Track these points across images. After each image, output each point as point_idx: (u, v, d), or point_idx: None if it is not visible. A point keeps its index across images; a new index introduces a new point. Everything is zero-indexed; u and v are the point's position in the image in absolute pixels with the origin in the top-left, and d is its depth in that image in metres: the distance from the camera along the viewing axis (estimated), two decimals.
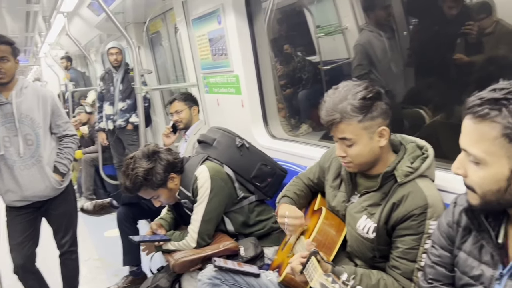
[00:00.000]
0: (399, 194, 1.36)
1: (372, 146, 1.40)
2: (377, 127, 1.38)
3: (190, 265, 1.91)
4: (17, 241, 2.40)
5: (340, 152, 1.44)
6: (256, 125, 2.82)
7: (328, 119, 1.39)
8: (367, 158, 1.42)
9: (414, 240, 1.31)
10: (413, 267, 1.32)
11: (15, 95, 2.31)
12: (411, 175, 1.36)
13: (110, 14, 2.81)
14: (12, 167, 2.32)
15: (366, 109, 1.36)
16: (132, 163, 1.99)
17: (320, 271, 1.17)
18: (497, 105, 0.90)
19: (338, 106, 1.36)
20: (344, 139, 1.39)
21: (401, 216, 1.34)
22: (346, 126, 1.37)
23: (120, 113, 4.27)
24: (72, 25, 4.82)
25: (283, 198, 1.78)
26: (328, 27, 3.57)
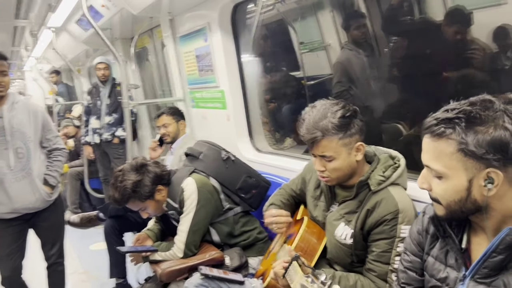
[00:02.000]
0: (372, 201, 1.46)
1: (349, 160, 1.50)
2: (355, 143, 1.48)
3: (177, 275, 1.97)
4: (5, 253, 2.42)
5: (319, 167, 1.52)
6: (241, 139, 2.91)
7: (309, 136, 1.46)
8: (345, 172, 1.51)
9: (387, 243, 1.41)
10: (387, 269, 1.41)
11: (7, 109, 2.36)
12: (383, 183, 1.47)
13: (99, 30, 2.88)
14: (2, 180, 2.35)
15: (345, 127, 1.45)
16: (121, 176, 2.05)
17: (300, 273, 1.25)
18: (451, 124, 1.00)
19: (318, 124, 1.45)
20: (324, 156, 1.48)
21: (375, 221, 1.44)
22: (327, 143, 1.46)
23: (106, 127, 4.31)
24: (59, 40, 4.88)
25: (270, 206, 1.87)
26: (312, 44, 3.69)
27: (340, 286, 1.40)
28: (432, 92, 2.36)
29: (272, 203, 1.87)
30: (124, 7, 3.17)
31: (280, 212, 1.76)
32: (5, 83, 2.35)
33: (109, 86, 4.36)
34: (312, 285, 1.17)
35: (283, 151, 2.91)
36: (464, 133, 0.98)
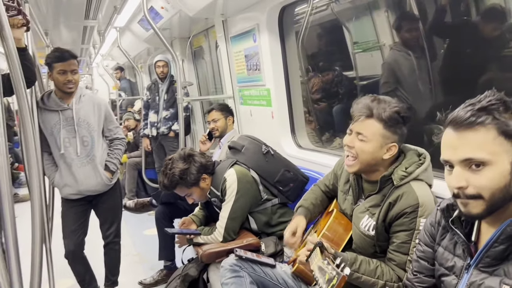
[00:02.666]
0: (394, 195, 1.54)
1: (378, 153, 1.57)
2: (390, 142, 1.56)
3: (216, 256, 2.15)
4: (70, 229, 2.72)
5: (350, 142, 1.59)
6: (284, 135, 3.04)
7: (360, 111, 1.56)
8: (368, 160, 1.58)
9: (407, 235, 1.49)
10: (405, 259, 1.50)
11: (75, 102, 2.65)
12: (405, 178, 1.54)
13: (157, 31, 3.12)
14: (70, 165, 2.64)
15: (393, 122, 1.54)
16: (170, 164, 2.28)
17: (319, 257, 1.37)
18: (487, 111, 1.03)
19: (374, 106, 1.54)
20: (361, 134, 1.56)
21: (395, 214, 1.52)
22: (370, 124, 1.54)
23: (163, 121, 4.60)
24: (123, 39, 5.25)
25: (299, 208, 1.98)
26: (366, 43, 3.71)
27: (360, 269, 1.50)
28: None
29: (302, 205, 1.98)
30: (181, 9, 3.41)
31: (290, 231, 1.87)
32: (75, 80, 2.62)
33: (167, 82, 4.62)
34: (327, 266, 1.29)
35: (323, 148, 3.00)
36: (503, 116, 1.02)
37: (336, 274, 1.28)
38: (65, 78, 2.57)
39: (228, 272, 1.79)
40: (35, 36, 3.30)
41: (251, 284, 1.75)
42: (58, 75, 2.58)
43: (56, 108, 2.61)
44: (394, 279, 1.51)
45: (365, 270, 1.51)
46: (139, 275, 3.33)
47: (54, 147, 2.64)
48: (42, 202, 1.43)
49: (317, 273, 1.38)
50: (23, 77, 1.44)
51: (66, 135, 2.62)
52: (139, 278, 3.27)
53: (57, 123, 2.61)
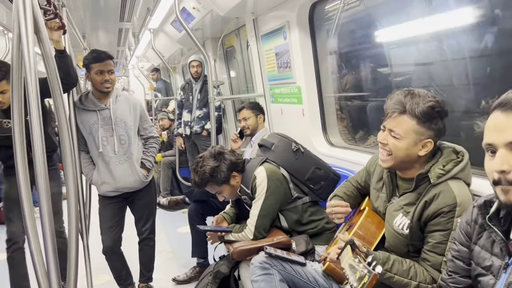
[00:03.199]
0: (431, 193, 1.48)
1: (412, 150, 1.51)
2: (425, 138, 1.50)
3: (247, 254, 2.15)
4: (108, 225, 2.81)
5: (383, 139, 1.56)
6: (315, 133, 3.01)
7: (393, 107, 1.52)
8: (403, 158, 1.53)
9: (443, 235, 1.44)
10: (441, 260, 1.44)
11: (112, 102, 2.74)
12: (443, 176, 1.48)
13: (189, 31, 3.17)
14: (108, 163, 2.73)
15: (427, 117, 1.48)
16: (201, 162, 2.31)
17: (350, 255, 1.35)
18: None
19: (407, 101, 1.49)
20: (393, 131, 1.52)
21: (432, 213, 1.46)
22: (403, 121, 1.50)
23: (196, 120, 4.67)
24: (157, 40, 5.37)
25: (333, 197, 1.96)
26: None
27: (393, 269, 1.46)
28: None
29: (336, 195, 1.96)
30: (213, 9, 3.45)
31: (339, 202, 1.84)
32: (112, 80, 2.72)
33: (201, 82, 4.69)
34: (358, 264, 1.27)
35: (356, 146, 2.95)
36: None
37: (368, 272, 1.26)
38: (103, 78, 2.66)
39: (258, 270, 1.79)
40: (73, 39, 3.42)
41: (281, 282, 1.75)
42: (96, 75, 2.67)
43: (94, 108, 2.70)
44: (428, 281, 1.46)
45: (397, 270, 1.47)
46: (173, 272, 3.40)
47: (93, 146, 2.73)
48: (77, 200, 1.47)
49: (348, 271, 1.36)
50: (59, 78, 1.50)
51: (104, 134, 2.71)
52: (173, 274, 3.34)
53: (95, 122, 2.70)
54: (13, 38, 1.32)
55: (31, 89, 1.28)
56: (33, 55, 1.31)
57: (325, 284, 1.80)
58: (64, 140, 1.50)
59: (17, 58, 1.35)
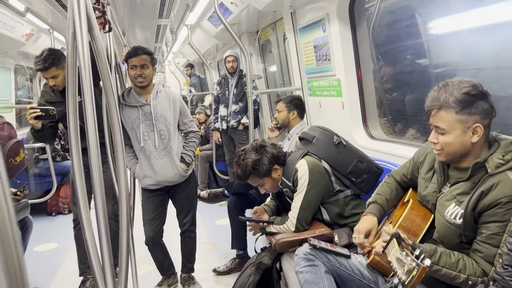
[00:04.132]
0: (488, 183, 1.44)
1: (463, 139, 1.49)
2: (472, 123, 1.47)
3: (289, 246, 2.17)
4: (150, 217, 2.90)
5: (433, 138, 1.55)
6: (355, 126, 2.98)
7: (429, 105, 1.52)
8: (456, 150, 1.51)
9: (499, 227, 1.39)
10: (495, 252, 1.39)
11: (152, 97, 2.80)
12: (502, 166, 1.44)
13: (228, 26, 3.20)
14: (149, 157, 2.81)
15: (466, 103, 1.45)
16: (243, 155, 2.34)
17: (396, 247, 1.34)
18: None
19: (441, 95, 1.49)
20: (438, 127, 1.51)
21: (488, 203, 1.42)
22: (443, 115, 1.49)
23: (233, 115, 4.71)
24: (194, 36, 5.44)
25: (371, 204, 1.93)
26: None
27: (440, 262, 1.44)
28: None
29: (375, 202, 1.92)
30: (250, 3, 3.46)
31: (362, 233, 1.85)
32: (146, 74, 2.75)
33: (237, 77, 4.71)
34: (406, 258, 1.26)
35: (397, 138, 2.90)
36: None
37: (416, 266, 1.25)
38: (135, 72, 2.73)
39: (302, 261, 1.81)
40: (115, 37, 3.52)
41: (326, 273, 1.75)
42: (130, 70, 2.76)
43: (135, 104, 2.78)
44: (478, 273, 1.43)
45: (445, 262, 1.45)
46: (213, 263, 3.46)
47: (135, 140, 2.82)
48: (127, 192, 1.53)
49: (395, 265, 1.35)
50: (110, 75, 1.56)
51: (145, 129, 2.78)
52: (213, 265, 3.40)
53: (136, 118, 2.78)
54: (68, 36, 1.37)
55: (85, 85, 1.34)
56: (87, 53, 1.36)
57: (370, 276, 1.79)
58: (115, 135, 1.57)
59: (71, 55, 1.41)
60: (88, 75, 1.35)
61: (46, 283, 3.32)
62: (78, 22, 1.38)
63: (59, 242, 4.21)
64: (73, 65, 1.44)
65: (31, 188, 4.96)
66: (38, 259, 3.81)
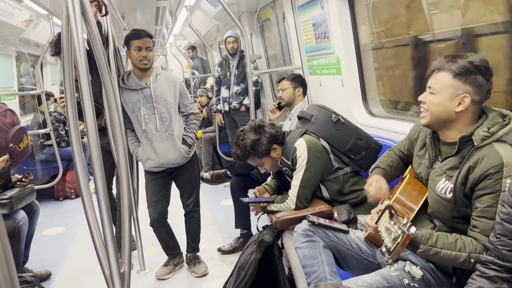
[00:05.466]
0: (475, 157, 1.45)
1: (448, 105, 1.50)
2: (462, 92, 1.47)
3: (289, 223, 2.21)
4: (154, 199, 2.94)
5: (422, 97, 1.58)
6: (355, 104, 2.98)
7: (432, 66, 1.55)
8: (439, 113, 1.53)
9: (492, 198, 1.40)
10: (492, 225, 1.39)
11: (152, 80, 2.82)
12: (487, 139, 1.44)
13: (226, 6, 3.17)
14: (151, 140, 2.84)
15: (465, 71, 1.46)
16: (241, 135, 2.36)
17: (386, 218, 1.37)
18: None
19: (446, 60, 1.50)
20: (431, 87, 1.54)
21: (477, 177, 1.43)
22: (440, 77, 1.51)
23: (235, 96, 4.69)
24: (193, 17, 5.40)
25: (375, 169, 1.96)
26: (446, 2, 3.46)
27: (438, 244, 1.43)
28: None
29: (378, 166, 1.95)
30: None
31: (379, 184, 1.82)
32: (150, 57, 2.79)
33: (238, 58, 4.67)
34: (393, 226, 1.29)
35: (397, 115, 2.89)
36: None
37: (401, 233, 1.29)
38: (140, 54, 2.74)
39: (301, 237, 1.84)
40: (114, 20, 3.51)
41: (324, 248, 1.79)
42: (134, 52, 2.76)
43: (135, 87, 2.80)
44: (479, 250, 1.41)
45: (443, 244, 1.43)
46: (218, 243, 3.52)
47: (136, 123, 2.84)
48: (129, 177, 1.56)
49: (384, 233, 1.39)
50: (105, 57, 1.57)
51: (146, 112, 2.80)
52: (218, 245, 3.46)
53: (137, 101, 2.80)
54: (62, 19, 1.39)
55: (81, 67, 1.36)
56: (81, 36, 1.37)
57: (368, 250, 1.82)
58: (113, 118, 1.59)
59: (66, 38, 1.42)
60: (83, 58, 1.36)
61: (56, 265, 3.40)
62: (71, 6, 1.39)
63: (67, 226, 4.29)
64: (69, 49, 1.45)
65: (38, 174, 5.04)
66: (47, 243, 3.90)
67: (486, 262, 1.31)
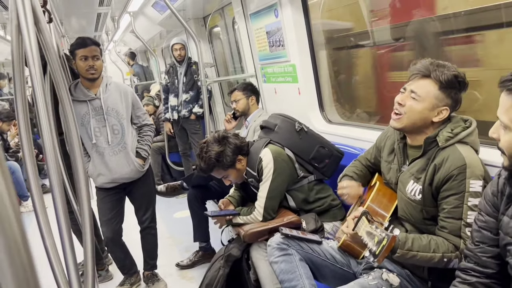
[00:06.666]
0: (440, 157, 1.52)
1: (428, 114, 1.55)
2: (443, 105, 1.54)
3: (258, 236, 2.16)
4: (107, 218, 2.76)
5: (401, 99, 1.59)
6: (312, 111, 3.00)
7: (418, 70, 1.56)
8: (416, 120, 1.57)
9: (457, 199, 1.46)
10: (459, 225, 1.46)
11: (102, 91, 2.65)
12: (451, 139, 1.52)
13: (176, 13, 3.08)
14: (103, 154, 2.66)
15: (450, 84, 1.52)
16: (205, 147, 2.28)
17: (366, 223, 1.37)
18: None
19: (433, 68, 1.53)
20: (414, 92, 1.55)
21: (443, 177, 1.49)
22: (425, 84, 1.54)
23: (184, 104, 4.58)
24: (136, 23, 5.21)
25: (344, 177, 1.99)
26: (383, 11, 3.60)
27: (414, 247, 1.47)
28: None
29: (346, 175, 1.98)
30: None
31: (350, 183, 1.87)
32: (97, 66, 2.61)
33: (185, 65, 4.57)
34: (376, 230, 1.30)
35: (354, 122, 2.95)
36: None
37: (386, 236, 1.30)
38: (87, 64, 2.57)
39: (276, 251, 1.80)
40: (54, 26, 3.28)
41: (300, 261, 1.76)
42: (80, 61, 2.58)
43: (84, 98, 2.62)
44: (450, 249, 1.48)
45: (419, 246, 1.48)
46: (174, 257, 3.40)
47: (86, 137, 2.65)
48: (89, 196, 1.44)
49: (366, 238, 1.39)
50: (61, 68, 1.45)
51: (96, 125, 2.63)
52: (175, 260, 3.34)
53: (86, 113, 2.62)
54: (12, 29, 1.26)
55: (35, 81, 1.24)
56: (35, 46, 1.25)
57: (343, 260, 1.82)
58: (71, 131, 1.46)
59: (17, 49, 1.29)
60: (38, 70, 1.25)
61: None
62: (22, 14, 1.26)
63: None
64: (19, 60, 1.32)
65: None
66: None
67: (466, 269, 1.34)
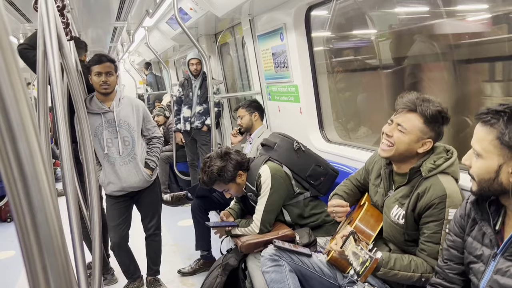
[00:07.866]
0: (423, 186, 1.66)
1: (413, 146, 1.70)
2: (427, 138, 1.69)
3: (254, 247, 2.31)
4: (115, 223, 2.93)
5: (389, 131, 1.73)
6: (312, 130, 3.15)
7: (404, 104, 1.70)
8: (403, 150, 1.71)
9: (436, 225, 1.61)
10: (437, 249, 1.61)
11: (115, 104, 2.83)
12: (433, 170, 1.67)
13: (187, 32, 3.26)
14: (114, 164, 2.84)
15: (434, 119, 1.66)
16: (208, 162, 2.45)
17: (353, 243, 1.52)
18: (497, 115, 1.21)
19: (419, 103, 1.67)
20: (401, 125, 1.69)
21: (425, 205, 1.63)
22: (412, 118, 1.68)
23: (197, 116, 4.75)
24: (151, 37, 5.43)
25: (334, 195, 2.14)
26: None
27: (396, 266, 1.61)
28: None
29: (336, 193, 2.13)
30: (210, 10, 3.54)
31: (339, 202, 2.01)
32: (111, 81, 2.79)
33: (200, 79, 4.75)
34: (361, 251, 1.44)
35: (351, 142, 3.09)
36: (505, 125, 1.19)
37: (369, 258, 1.44)
38: (100, 79, 2.75)
39: (268, 261, 1.94)
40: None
41: (290, 272, 1.91)
42: (95, 77, 2.77)
43: (98, 111, 2.80)
44: (428, 270, 1.62)
45: (400, 266, 1.62)
46: (177, 264, 3.53)
47: (98, 147, 2.84)
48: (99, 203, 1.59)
49: (351, 258, 1.53)
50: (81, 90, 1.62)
51: (109, 136, 2.81)
52: (178, 267, 3.47)
53: (100, 125, 2.80)
54: (38, 54, 1.42)
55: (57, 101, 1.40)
56: (59, 70, 1.41)
57: (330, 273, 1.96)
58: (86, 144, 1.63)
59: (42, 73, 1.46)
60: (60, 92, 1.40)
61: None
62: (48, 40, 1.43)
63: (17, 249, 4.11)
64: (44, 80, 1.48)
65: None
66: None
67: (436, 284, 1.48)
